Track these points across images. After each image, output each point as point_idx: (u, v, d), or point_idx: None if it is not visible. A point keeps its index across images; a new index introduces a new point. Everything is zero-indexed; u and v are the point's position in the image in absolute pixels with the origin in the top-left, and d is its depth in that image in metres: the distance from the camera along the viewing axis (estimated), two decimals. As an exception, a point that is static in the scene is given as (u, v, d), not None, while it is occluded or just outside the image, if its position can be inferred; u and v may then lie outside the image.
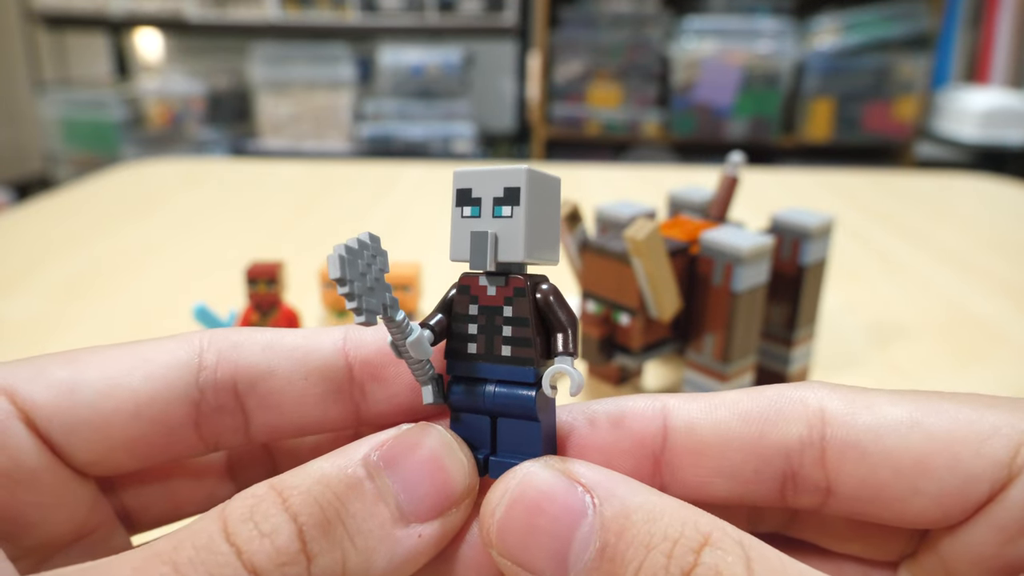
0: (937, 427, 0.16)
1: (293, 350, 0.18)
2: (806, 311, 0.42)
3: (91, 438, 0.17)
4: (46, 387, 0.17)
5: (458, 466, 0.17)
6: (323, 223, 0.73)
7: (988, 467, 0.16)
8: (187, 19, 1.92)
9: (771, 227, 0.41)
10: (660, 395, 0.18)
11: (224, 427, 0.18)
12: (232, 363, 0.18)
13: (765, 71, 1.84)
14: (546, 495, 0.15)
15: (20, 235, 0.69)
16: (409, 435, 0.16)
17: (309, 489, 0.15)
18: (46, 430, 0.17)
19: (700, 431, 0.18)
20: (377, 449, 0.16)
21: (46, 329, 0.49)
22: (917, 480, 0.16)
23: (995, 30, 1.89)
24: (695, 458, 0.18)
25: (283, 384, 0.18)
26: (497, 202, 0.17)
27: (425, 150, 1.94)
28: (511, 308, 0.17)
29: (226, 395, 0.18)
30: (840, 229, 0.66)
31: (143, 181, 0.90)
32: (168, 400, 0.17)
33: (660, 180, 0.89)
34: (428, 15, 1.89)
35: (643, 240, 0.34)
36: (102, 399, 0.17)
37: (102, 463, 0.17)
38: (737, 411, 0.18)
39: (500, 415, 0.17)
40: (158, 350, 0.18)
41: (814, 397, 0.17)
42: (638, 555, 0.14)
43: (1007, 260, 0.65)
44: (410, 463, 0.16)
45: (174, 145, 1.98)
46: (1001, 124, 1.76)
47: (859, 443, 0.17)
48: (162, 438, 0.17)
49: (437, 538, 0.16)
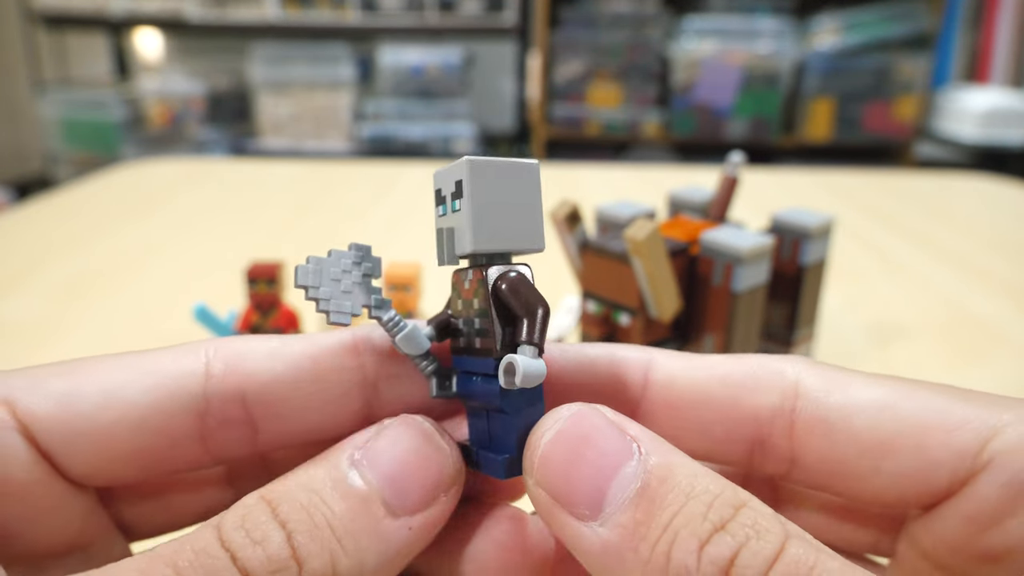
0: (907, 412, 0.17)
1: (301, 355, 0.18)
2: (806, 311, 0.42)
3: (90, 450, 0.16)
4: (45, 398, 0.16)
5: (440, 454, 0.17)
6: (323, 223, 0.73)
7: (951, 457, 0.16)
8: (187, 19, 1.92)
9: (771, 227, 0.41)
10: (650, 348, 0.19)
11: (231, 439, 0.18)
12: (240, 372, 0.17)
13: (765, 71, 1.84)
14: (597, 430, 0.16)
15: (20, 235, 0.69)
16: (389, 431, 0.17)
17: (296, 496, 0.15)
18: (44, 442, 0.16)
19: (678, 387, 0.18)
20: (359, 448, 0.16)
21: (46, 329, 0.49)
22: (879, 460, 0.17)
23: (995, 30, 1.89)
24: (670, 411, 0.18)
25: (292, 390, 0.18)
26: (453, 197, 0.17)
27: (425, 150, 1.94)
28: (477, 299, 0.17)
29: (234, 406, 0.17)
30: (840, 229, 0.66)
31: (143, 181, 0.90)
32: (172, 411, 0.17)
33: (660, 180, 0.89)
34: (428, 15, 1.89)
35: (643, 240, 0.34)
36: (101, 410, 0.16)
37: (101, 475, 0.17)
38: (716, 373, 0.18)
39: (487, 408, 0.18)
40: (162, 359, 0.17)
41: (792, 370, 0.18)
42: (678, 500, 0.14)
43: (1007, 260, 0.65)
44: (392, 458, 0.16)
45: (174, 145, 1.98)
46: (1001, 124, 1.76)
47: (827, 419, 0.17)
48: (165, 451, 0.17)
49: (428, 527, 0.16)
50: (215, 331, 0.41)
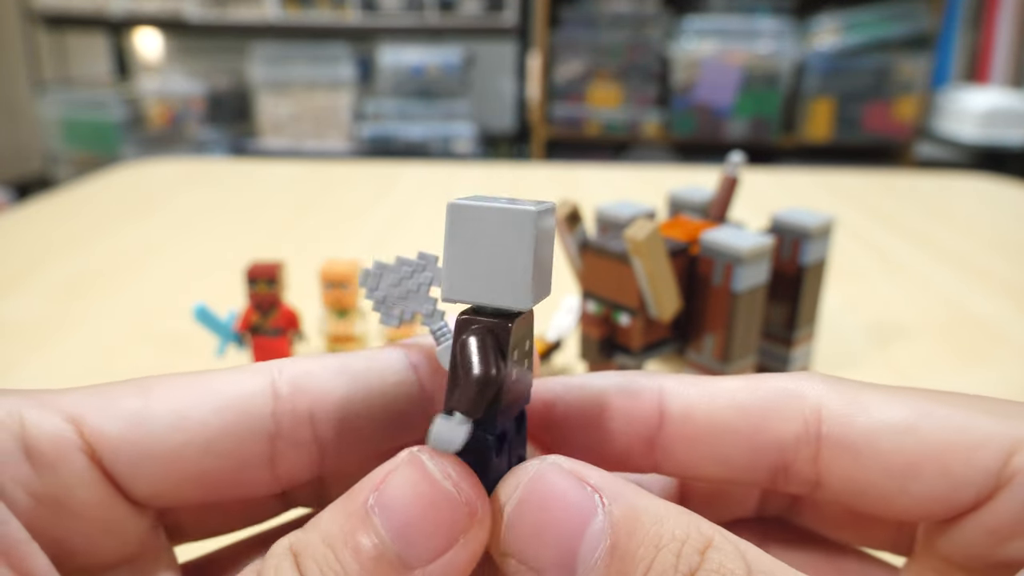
0: (930, 433, 0.16)
1: (366, 372, 0.18)
2: (806, 311, 0.42)
3: (157, 472, 0.16)
4: (115, 418, 0.16)
5: (449, 496, 0.15)
6: (323, 223, 0.73)
7: (977, 475, 0.16)
8: (187, 19, 1.92)
9: (771, 227, 0.41)
10: (658, 375, 0.18)
11: (300, 462, 0.17)
12: (308, 392, 0.17)
13: (765, 71, 1.84)
14: (556, 492, 0.15)
15: (20, 235, 0.69)
16: (395, 474, 0.16)
17: (315, 552, 0.15)
18: (111, 463, 0.16)
19: (696, 420, 0.18)
20: (374, 490, 0.15)
21: (46, 329, 0.49)
22: (906, 482, 0.16)
23: (995, 30, 1.89)
24: (689, 444, 0.18)
25: (361, 408, 0.17)
26: None
27: (425, 150, 1.94)
28: None
29: (303, 427, 0.17)
30: (840, 229, 0.66)
31: (143, 181, 0.90)
32: (241, 434, 0.17)
33: (660, 180, 0.89)
34: (428, 15, 1.89)
35: (643, 240, 0.34)
36: (171, 431, 0.16)
37: (165, 497, 0.17)
38: (734, 402, 0.18)
39: None
40: (229, 381, 0.17)
41: (813, 393, 0.18)
42: (648, 554, 0.14)
43: (1007, 260, 0.65)
44: (402, 504, 0.15)
45: (174, 145, 1.98)
46: (1001, 124, 1.76)
47: (853, 446, 0.17)
48: (232, 474, 0.17)
49: (450, 573, 0.15)
50: (215, 331, 0.41)
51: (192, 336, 0.46)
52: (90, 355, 0.46)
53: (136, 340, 0.48)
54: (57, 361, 0.45)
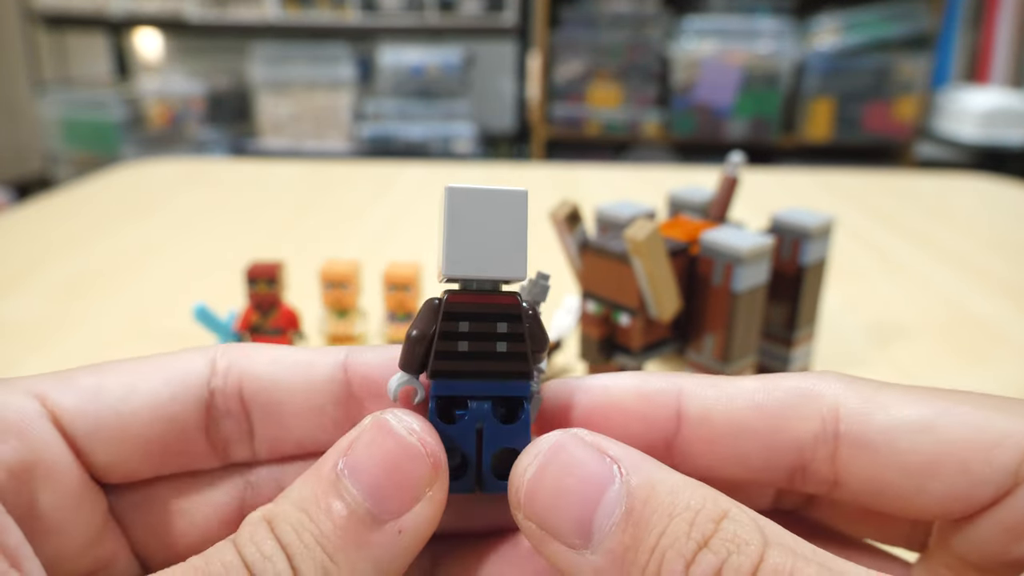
0: (948, 432, 0.17)
1: (296, 364, 0.19)
2: (806, 311, 0.42)
3: (112, 437, 0.18)
4: (73, 392, 0.18)
5: (413, 452, 0.17)
6: (323, 223, 0.73)
7: (995, 474, 0.16)
8: (187, 19, 1.92)
9: (771, 227, 0.41)
10: (675, 376, 0.19)
11: (230, 433, 0.19)
12: (240, 370, 0.19)
13: (765, 71, 1.84)
14: (576, 460, 0.16)
15: (20, 235, 0.69)
16: (363, 435, 0.17)
17: (289, 516, 0.16)
18: (71, 430, 0.18)
19: (715, 421, 0.18)
20: (343, 455, 0.16)
21: (46, 329, 0.49)
22: (924, 481, 0.17)
23: (995, 30, 1.89)
24: (708, 445, 0.18)
25: (286, 395, 0.19)
26: None
27: (425, 150, 1.94)
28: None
29: (233, 400, 0.19)
30: (840, 229, 0.66)
31: (143, 181, 0.90)
32: (183, 401, 0.18)
33: (660, 180, 0.89)
34: (428, 15, 1.89)
35: (643, 240, 0.34)
36: (123, 402, 0.18)
37: (120, 465, 0.18)
38: (753, 403, 0.18)
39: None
40: (176, 358, 0.19)
41: (830, 392, 0.18)
42: (662, 521, 0.15)
43: (1007, 260, 0.65)
44: (371, 463, 0.16)
45: (174, 145, 1.98)
46: (1001, 124, 1.76)
47: (871, 444, 0.17)
48: (176, 441, 0.18)
49: (420, 526, 0.16)
50: (215, 331, 0.41)
51: (192, 336, 0.46)
52: (90, 355, 0.46)
53: (136, 340, 0.48)
54: (57, 361, 0.45)
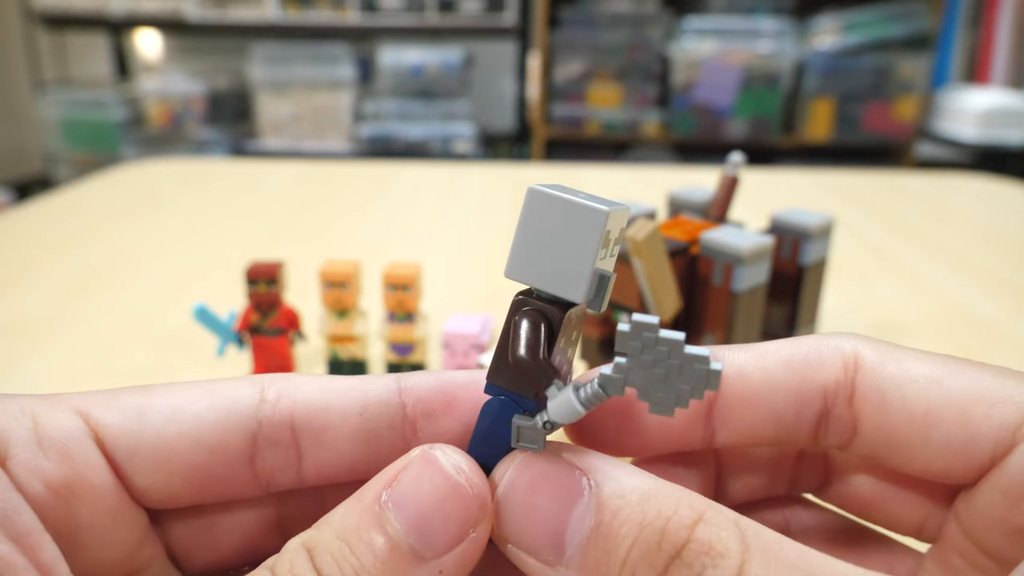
0: (955, 386, 0.17)
1: (349, 388, 0.19)
2: (806, 311, 0.42)
3: (154, 459, 0.17)
4: (117, 411, 0.18)
5: (462, 491, 0.16)
6: (323, 223, 0.73)
7: (994, 429, 0.16)
8: (187, 19, 1.92)
9: (771, 227, 0.41)
10: (707, 348, 0.19)
11: (278, 463, 0.18)
12: (291, 398, 0.18)
13: (765, 71, 1.84)
14: (543, 476, 0.16)
15: (20, 235, 0.69)
16: (411, 469, 0.16)
17: (329, 546, 0.15)
18: (112, 449, 0.17)
19: (750, 377, 0.19)
20: (387, 486, 0.16)
21: (46, 329, 0.49)
22: (926, 430, 0.17)
23: (995, 30, 1.89)
24: (745, 403, 0.19)
25: (338, 420, 0.18)
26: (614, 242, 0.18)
27: (425, 150, 1.94)
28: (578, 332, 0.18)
29: (282, 429, 0.18)
30: (840, 229, 0.66)
31: (143, 181, 0.90)
32: (228, 429, 0.18)
33: (660, 180, 0.89)
34: (428, 15, 1.89)
35: (643, 240, 0.34)
36: (167, 423, 0.18)
37: (161, 489, 0.18)
38: (781, 358, 0.19)
39: None
40: (224, 384, 0.19)
41: (850, 345, 0.19)
42: (632, 532, 0.14)
43: (1007, 260, 0.65)
44: (416, 498, 0.16)
45: (174, 145, 1.98)
46: (1001, 124, 1.76)
47: (881, 390, 0.18)
48: (220, 467, 0.18)
49: (460, 566, 0.16)
50: (215, 331, 0.41)
51: (192, 336, 0.46)
52: (90, 355, 0.46)
53: (136, 340, 0.48)
54: (57, 361, 0.45)
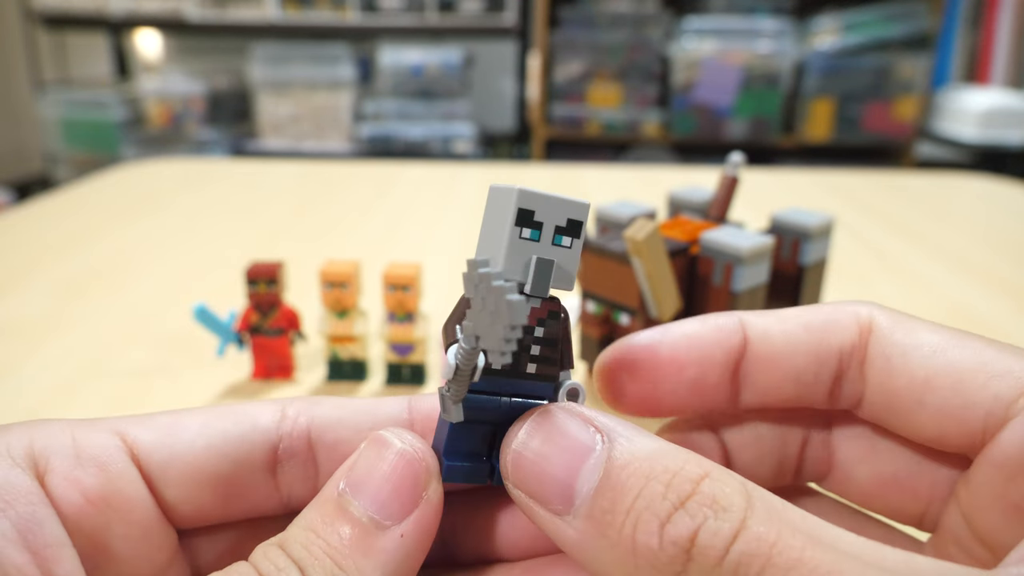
0: (957, 355, 0.18)
1: (363, 404, 0.20)
2: (806, 311, 0.42)
3: (185, 471, 0.19)
4: (151, 428, 0.19)
5: (408, 460, 0.18)
6: (323, 223, 0.73)
7: (987, 399, 0.17)
8: (187, 19, 1.92)
9: (771, 227, 0.41)
10: (734, 312, 0.21)
11: (297, 476, 0.20)
12: (308, 414, 0.20)
13: (765, 71, 1.84)
14: (560, 430, 0.17)
15: (20, 235, 0.69)
16: (363, 454, 0.18)
17: (298, 538, 0.17)
18: (147, 464, 0.18)
19: (773, 338, 0.20)
20: (343, 476, 0.18)
21: (46, 329, 0.49)
22: (924, 394, 0.18)
23: (995, 30, 1.89)
24: (768, 363, 0.20)
25: (352, 434, 0.20)
26: (559, 231, 0.18)
27: (425, 150, 1.94)
28: (543, 330, 0.18)
29: (300, 442, 0.20)
30: (840, 229, 0.66)
31: (143, 181, 0.90)
32: (252, 442, 0.19)
33: (660, 180, 0.89)
34: (428, 15, 1.89)
35: (643, 240, 0.34)
36: (197, 437, 0.19)
37: (191, 502, 0.19)
38: (801, 321, 0.20)
39: (504, 424, 0.18)
40: (249, 405, 0.20)
41: (866, 310, 0.20)
42: (638, 483, 0.15)
43: (1007, 260, 0.65)
44: (372, 480, 0.17)
45: (174, 145, 1.98)
46: (1001, 124, 1.76)
47: (887, 354, 0.19)
48: (244, 479, 0.19)
49: (422, 527, 0.17)
50: (215, 331, 0.41)
51: (192, 336, 0.46)
52: (90, 355, 0.46)
53: (136, 340, 0.48)
54: (57, 361, 0.45)
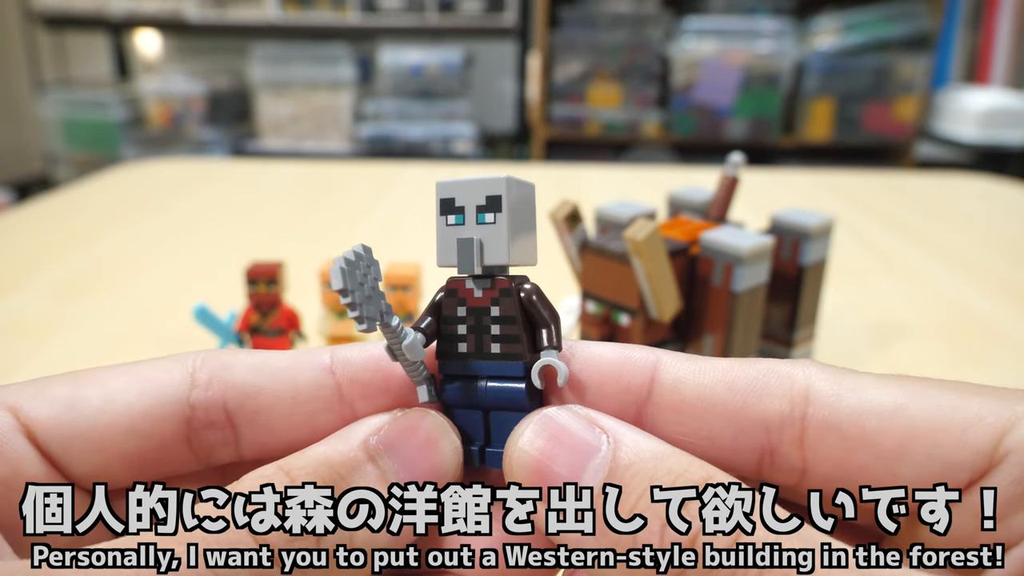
0: (920, 413, 0.16)
1: (281, 370, 0.19)
2: (806, 311, 0.42)
3: (88, 450, 0.18)
4: (47, 403, 0.18)
5: (450, 447, 0.18)
6: (323, 223, 0.73)
7: (969, 455, 0.16)
8: (187, 19, 1.92)
9: (771, 227, 0.41)
10: (657, 350, 0.19)
11: (215, 442, 0.19)
12: (222, 382, 0.19)
13: (765, 71, 1.84)
14: (565, 429, 0.17)
15: (20, 235, 0.69)
16: (406, 419, 0.18)
17: (315, 470, 0.16)
18: (45, 443, 0.18)
19: (684, 391, 0.18)
20: (374, 433, 0.17)
21: (46, 329, 0.49)
22: (896, 465, 0.16)
23: (995, 30, 1.89)
24: (676, 415, 0.18)
25: (272, 403, 0.19)
26: (480, 209, 0.18)
27: (425, 150, 1.94)
28: (498, 308, 0.19)
29: (216, 412, 0.19)
30: (840, 229, 0.66)
31: (143, 181, 0.90)
32: (161, 416, 0.18)
33: (660, 180, 0.89)
34: (428, 15, 1.89)
35: (643, 240, 0.34)
36: (99, 414, 0.18)
37: (98, 474, 0.18)
38: (724, 378, 0.18)
39: (492, 408, 0.19)
40: (153, 369, 0.19)
41: (802, 375, 0.17)
42: (642, 484, 0.15)
43: (1007, 260, 0.65)
44: (408, 445, 0.17)
45: (174, 145, 1.98)
46: (1001, 124, 1.76)
47: (839, 426, 0.17)
48: (155, 452, 0.18)
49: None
50: (215, 331, 0.41)
51: (192, 336, 0.46)
52: (90, 355, 0.46)
53: (136, 340, 0.48)
54: (57, 361, 0.45)
